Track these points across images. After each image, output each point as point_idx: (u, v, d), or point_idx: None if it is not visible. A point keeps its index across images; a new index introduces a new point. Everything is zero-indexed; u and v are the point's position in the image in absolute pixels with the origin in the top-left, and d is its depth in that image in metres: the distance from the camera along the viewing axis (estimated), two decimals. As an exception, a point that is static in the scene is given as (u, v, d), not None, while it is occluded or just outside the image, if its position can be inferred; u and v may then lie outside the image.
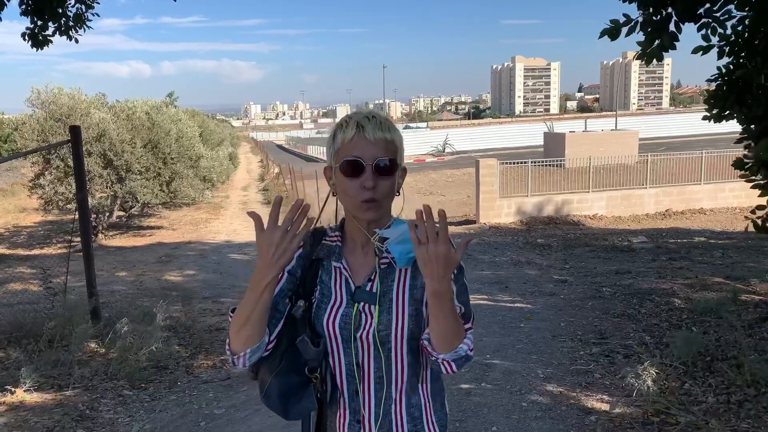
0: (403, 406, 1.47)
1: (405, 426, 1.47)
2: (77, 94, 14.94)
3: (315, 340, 1.42)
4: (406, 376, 1.45)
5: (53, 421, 3.81)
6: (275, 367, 1.43)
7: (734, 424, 3.29)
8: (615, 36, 4.17)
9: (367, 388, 1.45)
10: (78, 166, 6.02)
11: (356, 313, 1.41)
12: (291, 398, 1.43)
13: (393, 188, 1.41)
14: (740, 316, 5.34)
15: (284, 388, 1.43)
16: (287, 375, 1.42)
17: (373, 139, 1.36)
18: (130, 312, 5.97)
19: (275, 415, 1.50)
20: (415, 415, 1.48)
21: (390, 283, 1.43)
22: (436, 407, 1.52)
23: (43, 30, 6.29)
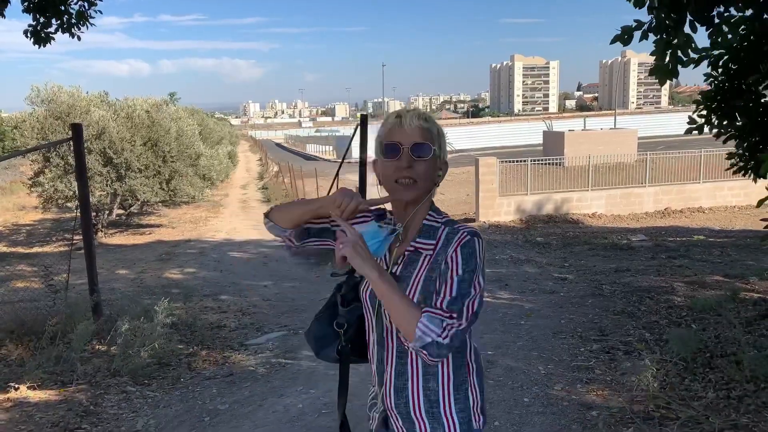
0: (420, 387, 1.55)
1: (422, 405, 1.55)
2: (77, 92, 14.94)
3: (348, 301, 1.63)
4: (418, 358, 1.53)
5: (58, 417, 3.83)
6: (319, 314, 1.69)
7: (734, 418, 3.32)
8: (627, 42, 4.15)
9: (390, 360, 1.57)
10: (79, 164, 6.03)
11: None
12: (323, 343, 1.67)
13: (429, 172, 1.52)
14: (739, 314, 5.37)
15: (320, 333, 1.67)
16: (325, 323, 1.66)
17: (409, 126, 1.51)
18: (131, 309, 5.98)
19: (279, 410, 1.61)
20: (431, 398, 1.54)
21: (411, 270, 1.53)
22: (457, 396, 1.55)
23: (46, 27, 6.29)
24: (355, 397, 4.04)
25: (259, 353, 5.41)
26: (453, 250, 1.47)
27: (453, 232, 1.51)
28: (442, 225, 1.54)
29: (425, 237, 1.54)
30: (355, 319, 1.63)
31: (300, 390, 4.31)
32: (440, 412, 1.54)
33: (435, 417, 1.54)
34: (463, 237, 1.49)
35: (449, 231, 1.52)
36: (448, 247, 1.49)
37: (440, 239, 1.52)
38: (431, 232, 1.54)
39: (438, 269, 1.49)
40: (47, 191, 14.73)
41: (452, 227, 1.53)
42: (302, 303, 7.60)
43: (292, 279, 9.49)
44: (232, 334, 6.13)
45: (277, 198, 22.88)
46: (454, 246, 1.48)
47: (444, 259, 1.48)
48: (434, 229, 1.54)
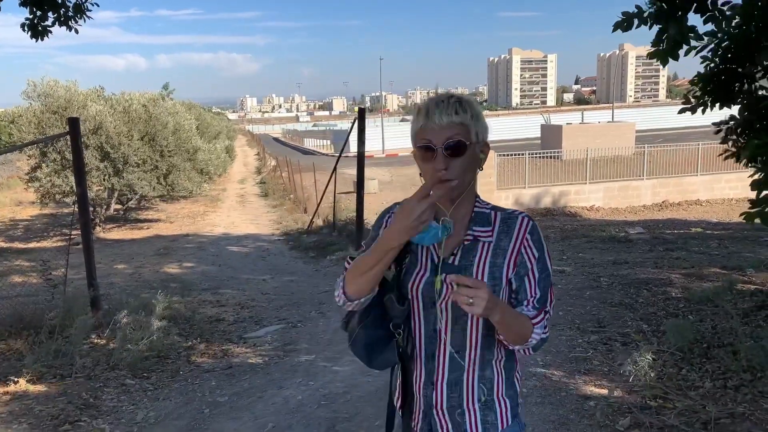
0: (476, 377, 1.56)
1: (475, 395, 1.56)
2: (73, 87, 14.89)
3: (401, 300, 1.55)
4: (479, 348, 1.55)
5: (58, 409, 3.84)
6: (364, 319, 1.58)
7: (731, 408, 3.34)
8: (627, 28, 4.15)
9: (443, 354, 1.55)
10: (77, 158, 6.02)
11: (439, 282, 1.50)
12: (375, 349, 1.58)
13: (467, 167, 1.49)
14: (736, 305, 5.39)
15: (369, 339, 1.58)
16: (373, 328, 1.57)
17: (439, 124, 1.45)
18: (129, 303, 5.99)
19: (278, 402, 1.59)
20: (487, 387, 1.57)
21: (472, 259, 1.52)
22: (508, 384, 1.60)
23: (43, 20, 6.26)
24: (354, 388, 4.07)
25: (258, 346, 5.43)
26: (523, 239, 1.51)
27: (510, 218, 1.54)
28: (491, 210, 1.56)
29: (480, 224, 1.54)
30: (406, 318, 1.57)
31: (299, 382, 4.33)
32: (493, 400, 1.57)
33: (488, 405, 1.56)
34: (526, 223, 1.52)
35: (503, 216, 1.54)
36: (510, 233, 1.51)
37: (495, 225, 1.53)
38: (485, 219, 1.54)
39: (503, 255, 1.50)
40: (44, 186, 14.70)
41: (503, 212, 1.56)
42: (301, 296, 7.61)
43: (290, 273, 9.50)
44: (230, 327, 6.14)
45: (274, 192, 22.88)
46: (522, 234, 1.51)
47: (512, 246, 1.51)
48: (486, 215, 1.55)
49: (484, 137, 1.53)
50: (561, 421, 3.43)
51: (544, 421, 3.45)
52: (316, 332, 5.80)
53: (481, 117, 1.52)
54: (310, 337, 5.65)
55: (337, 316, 6.36)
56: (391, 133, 43.88)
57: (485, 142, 1.54)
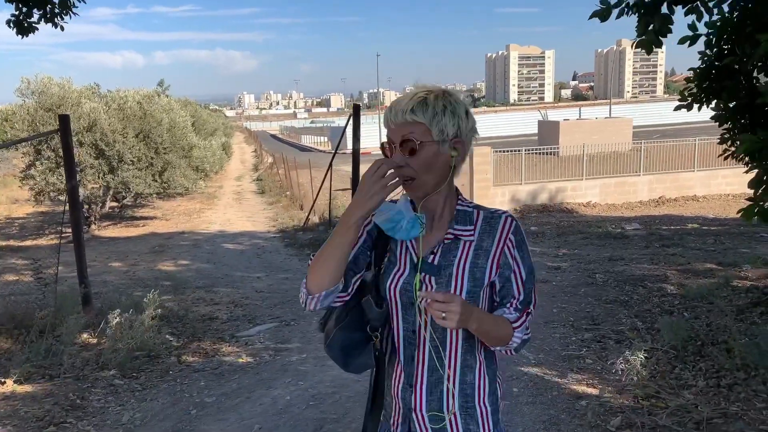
0: (457, 381, 1.52)
1: (456, 400, 1.51)
2: (67, 84, 14.81)
3: (379, 302, 1.51)
4: (460, 350, 1.51)
5: (44, 411, 3.79)
6: (341, 321, 1.54)
7: (724, 407, 3.30)
8: (605, 17, 4.11)
9: (422, 356, 1.51)
10: (67, 156, 5.97)
11: (419, 282, 1.47)
12: (352, 352, 1.55)
13: (428, 166, 1.43)
14: (731, 302, 5.36)
15: (346, 342, 1.54)
16: (351, 331, 1.53)
17: (395, 122, 1.44)
18: (121, 302, 5.94)
19: (266, 402, 1.55)
20: (467, 392, 1.52)
21: (452, 258, 1.48)
22: (490, 390, 1.55)
23: (28, 17, 6.19)
24: (343, 389, 4.02)
25: (250, 345, 5.38)
26: (506, 239, 1.47)
27: (492, 217, 1.49)
28: (473, 209, 1.52)
29: (462, 223, 1.50)
30: (386, 319, 1.54)
31: (289, 382, 4.28)
32: (475, 406, 1.52)
33: (469, 412, 1.51)
34: (510, 223, 1.48)
35: (485, 215, 1.50)
36: (493, 233, 1.47)
37: (477, 224, 1.49)
38: (467, 218, 1.50)
39: (485, 256, 1.47)
40: (39, 184, 14.63)
41: (486, 211, 1.51)
42: (295, 294, 7.57)
43: (285, 270, 9.45)
44: (223, 326, 6.10)
45: (271, 189, 22.83)
46: (505, 234, 1.47)
47: (495, 247, 1.47)
48: (468, 214, 1.51)
49: (454, 134, 1.45)
50: (552, 421, 3.39)
51: (535, 421, 3.41)
52: (308, 331, 5.75)
53: (454, 112, 1.44)
54: (302, 335, 5.61)
55: (330, 314, 6.32)
56: (389, 129, 43.68)
57: (459, 139, 1.46)
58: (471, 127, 1.49)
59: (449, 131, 1.44)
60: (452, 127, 1.44)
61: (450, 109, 1.44)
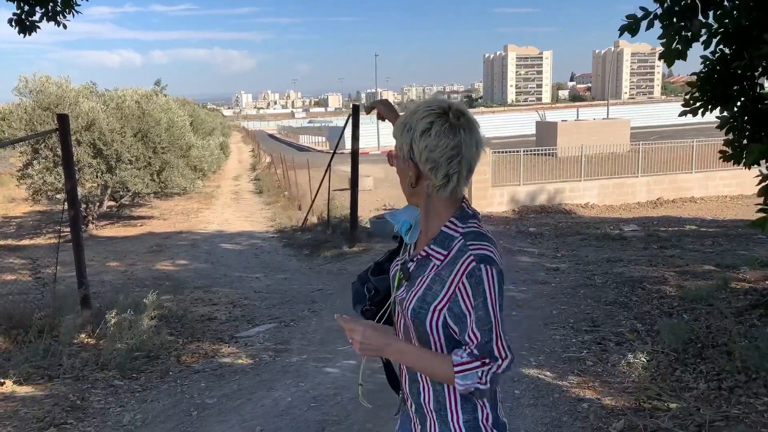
0: (429, 384, 1.51)
1: (431, 402, 1.51)
2: (65, 83, 14.78)
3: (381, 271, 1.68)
4: None
5: (43, 412, 3.78)
6: (363, 271, 1.73)
7: (725, 410, 3.31)
8: (635, 31, 4.05)
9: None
10: (66, 155, 5.96)
11: (397, 278, 1.55)
12: (356, 298, 1.71)
13: (400, 176, 1.51)
14: (730, 304, 5.37)
15: (354, 289, 1.72)
16: (361, 281, 1.70)
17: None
18: (120, 302, 5.92)
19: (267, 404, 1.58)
20: (439, 399, 1.50)
21: (421, 273, 1.49)
22: (465, 408, 1.47)
23: (30, 15, 6.17)
24: (344, 390, 4.01)
25: (249, 346, 5.37)
26: (460, 280, 1.38)
27: (463, 250, 1.39)
28: (460, 236, 1.43)
29: (438, 245, 1.45)
30: (384, 289, 1.64)
31: (289, 383, 4.27)
32: (447, 418, 1.47)
33: (443, 419, 1.48)
34: (468, 263, 1.37)
35: (461, 246, 1.40)
36: (454, 266, 1.39)
37: (452, 251, 1.42)
38: (446, 242, 1.44)
39: (441, 284, 1.41)
40: (36, 183, 14.60)
41: (465, 243, 1.41)
42: (294, 295, 7.56)
43: (283, 270, 9.44)
44: (222, 326, 6.09)
45: (269, 189, 22.80)
46: (460, 274, 1.38)
47: (449, 281, 1.39)
48: (450, 238, 1.44)
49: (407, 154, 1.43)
50: (554, 423, 3.39)
51: (537, 424, 3.41)
52: (308, 331, 5.75)
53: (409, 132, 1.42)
54: (301, 336, 5.60)
55: (330, 314, 6.31)
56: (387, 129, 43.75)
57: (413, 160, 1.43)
58: (427, 147, 1.39)
59: (404, 150, 1.46)
60: (406, 146, 1.45)
61: (407, 128, 1.44)
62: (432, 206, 1.47)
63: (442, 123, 1.39)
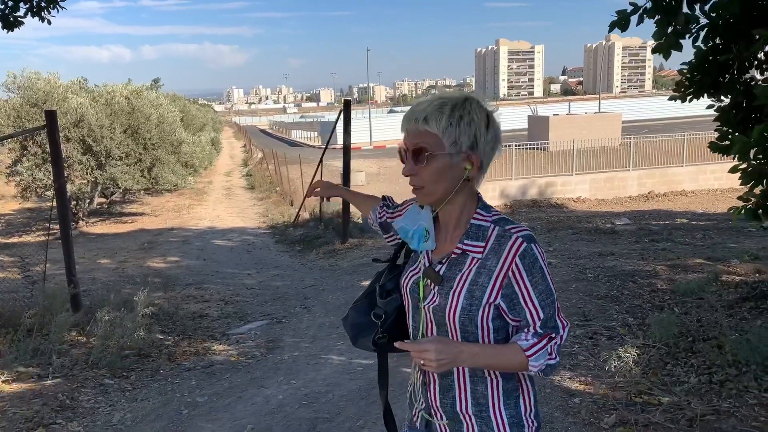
0: (468, 389, 1.48)
1: (470, 407, 1.48)
2: (54, 79, 14.64)
3: (384, 293, 1.58)
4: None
5: (32, 412, 3.74)
6: (358, 301, 1.64)
7: (716, 403, 3.32)
8: (625, 27, 4.06)
9: None
10: (55, 152, 5.90)
11: (423, 287, 1.48)
12: (361, 331, 1.62)
13: (438, 177, 1.42)
14: (721, 297, 5.38)
15: (355, 321, 1.63)
16: (362, 312, 1.62)
17: (408, 129, 1.44)
18: (111, 300, 5.88)
19: (258, 402, 1.55)
20: (480, 401, 1.47)
21: (456, 272, 1.44)
22: (508, 403, 1.47)
23: (14, 11, 6.09)
24: (336, 387, 4.00)
25: (241, 343, 5.35)
26: (511, 262, 1.38)
27: (504, 235, 1.40)
28: (491, 224, 1.43)
29: (473, 238, 1.43)
30: (393, 310, 1.56)
31: (281, 381, 4.25)
32: (489, 416, 1.46)
33: (483, 420, 1.46)
34: (518, 245, 1.38)
35: (499, 232, 1.41)
36: (500, 252, 1.39)
37: (489, 241, 1.41)
38: (480, 233, 1.43)
39: (488, 275, 1.40)
40: (25, 180, 14.48)
41: (502, 228, 1.41)
42: (286, 291, 7.53)
43: (275, 267, 9.41)
44: (214, 323, 6.06)
45: (261, 185, 22.72)
46: (511, 257, 1.38)
47: (499, 268, 1.39)
48: (483, 229, 1.43)
49: (469, 146, 1.41)
50: (546, 419, 3.39)
51: (529, 419, 3.41)
52: (300, 328, 5.73)
53: (471, 124, 1.39)
54: (293, 333, 5.58)
55: (322, 311, 6.30)
56: (379, 124, 43.71)
57: (475, 152, 1.42)
58: (492, 138, 1.43)
59: (463, 144, 1.40)
60: (467, 139, 1.40)
61: (467, 120, 1.39)
62: (469, 199, 1.48)
63: (495, 116, 1.46)
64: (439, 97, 1.42)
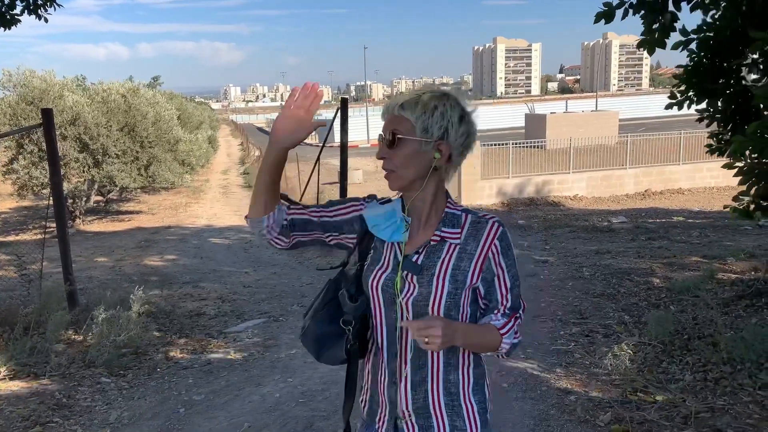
0: (440, 380, 1.52)
1: (441, 398, 1.52)
2: (50, 77, 14.60)
3: (355, 296, 1.54)
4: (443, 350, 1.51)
5: (29, 410, 3.74)
6: (317, 313, 1.58)
7: (711, 401, 3.34)
8: (609, 19, 4.09)
9: (405, 353, 1.52)
10: (51, 150, 5.89)
11: (400, 279, 1.48)
12: (325, 344, 1.57)
13: (408, 162, 1.45)
14: (717, 295, 5.41)
15: (320, 332, 1.57)
16: (325, 322, 1.56)
17: (387, 115, 1.49)
18: (108, 298, 5.88)
19: (255, 400, 1.55)
20: (451, 390, 1.52)
21: (435, 259, 1.48)
22: (476, 389, 1.55)
23: (11, 9, 6.07)
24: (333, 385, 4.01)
25: (238, 341, 5.36)
26: (491, 244, 1.47)
27: (479, 221, 1.49)
28: (462, 212, 1.52)
29: (450, 226, 1.50)
30: (360, 315, 1.55)
31: (278, 379, 4.26)
32: (460, 404, 1.52)
33: (455, 410, 1.52)
34: (496, 228, 1.49)
35: (473, 219, 1.50)
36: (479, 236, 1.48)
37: (464, 227, 1.50)
38: (455, 221, 1.50)
39: (469, 259, 1.47)
40: (22, 178, 14.43)
41: (475, 215, 1.52)
42: (283, 289, 7.54)
43: (272, 265, 9.41)
44: (211, 321, 6.06)
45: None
46: (490, 239, 1.47)
47: (479, 251, 1.47)
48: (456, 217, 1.51)
49: (440, 136, 1.45)
50: (541, 416, 3.40)
51: (525, 416, 3.42)
52: (297, 326, 5.73)
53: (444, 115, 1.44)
54: (291, 331, 5.59)
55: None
56: (377, 122, 43.69)
57: (446, 141, 1.45)
58: (464, 132, 1.47)
59: (434, 132, 1.45)
60: (438, 129, 1.45)
61: (440, 110, 1.45)
62: (439, 190, 1.52)
63: (471, 114, 1.51)
64: (420, 90, 1.49)
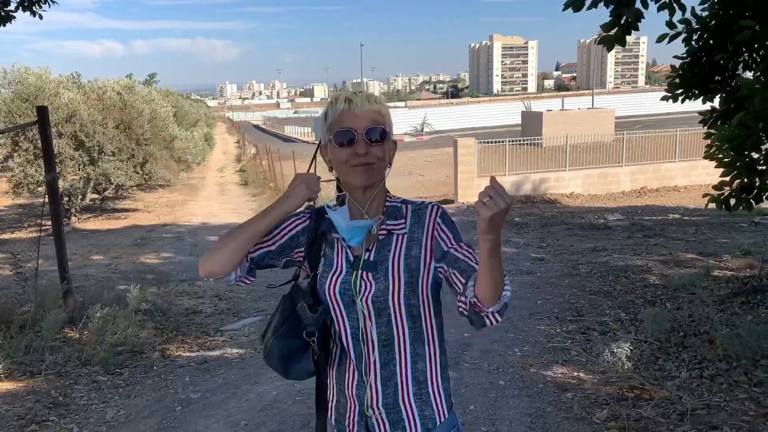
0: (409, 370, 1.54)
1: (410, 389, 1.54)
2: (45, 74, 14.53)
3: (314, 307, 1.52)
4: (408, 340, 1.53)
5: (25, 409, 3.74)
6: (278, 330, 1.56)
7: (707, 398, 3.35)
8: (578, 7, 4.14)
9: (371, 351, 1.53)
10: (46, 148, 5.86)
11: (356, 280, 1.50)
12: (291, 360, 1.57)
13: (384, 155, 1.51)
14: (713, 292, 5.43)
15: (284, 349, 1.56)
16: (288, 338, 1.55)
17: (361, 111, 1.48)
18: (104, 296, 5.87)
19: (252, 398, 1.55)
20: (420, 379, 1.55)
21: (386, 253, 1.51)
22: (444, 377, 1.59)
23: (5, 5, 6.04)
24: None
25: (235, 339, 5.35)
26: (434, 225, 1.50)
27: (420, 208, 1.54)
28: (401, 204, 1.57)
29: (393, 218, 1.54)
30: (321, 325, 1.56)
31: (275, 377, 4.26)
32: (428, 392, 1.55)
33: (423, 399, 1.54)
34: (436, 210, 1.53)
35: (413, 208, 1.55)
36: (423, 221, 1.52)
37: (407, 217, 1.54)
38: (396, 213, 1.55)
39: (418, 246, 1.50)
40: (17, 176, 14.36)
41: (415, 204, 1.56)
42: (280, 288, 7.52)
43: (269, 263, 9.39)
44: (207, 319, 6.05)
45: (254, 181, 22.67)
46: (433, 219, 1.51)
47: (426, 235, 1.50)
48: (397, 209, 1.55)
49: (392, 133, 1.55)
50: (538, 414, 3.41)
51: (522, 414, 3.43)
52: (293, 324, 5.73)
53: (390, 114, 1.55)
54: (287, 329, 5.58)
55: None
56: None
57: (394, 140, 1.57)
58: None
59: (391, 130, 1.55)
60: (391, 127, 1.55)
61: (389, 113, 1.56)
62: (383, 185, 1.57)
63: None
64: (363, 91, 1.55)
